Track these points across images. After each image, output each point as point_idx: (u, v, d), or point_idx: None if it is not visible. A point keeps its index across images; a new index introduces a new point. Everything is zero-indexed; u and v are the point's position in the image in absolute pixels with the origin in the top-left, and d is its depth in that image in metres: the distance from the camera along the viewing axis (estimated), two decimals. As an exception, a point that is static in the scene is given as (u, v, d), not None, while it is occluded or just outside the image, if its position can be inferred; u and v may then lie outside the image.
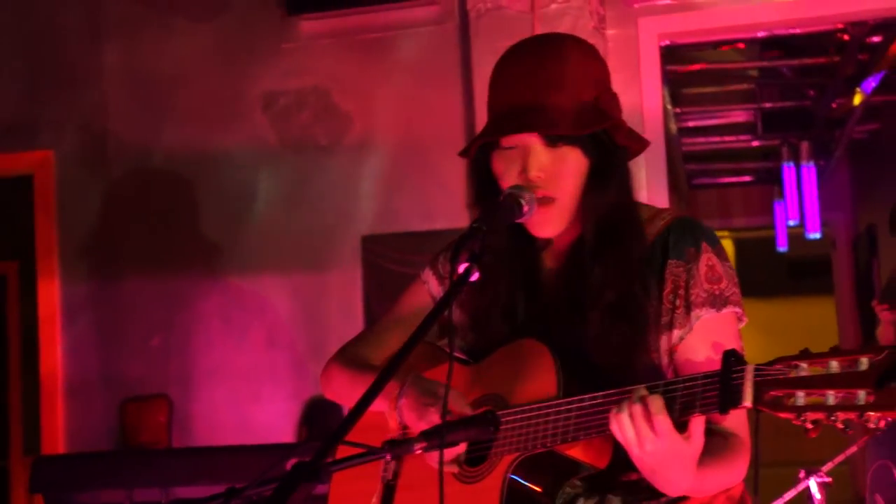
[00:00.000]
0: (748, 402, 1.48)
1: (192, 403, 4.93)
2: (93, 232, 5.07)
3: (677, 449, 1.57)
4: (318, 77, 4.90)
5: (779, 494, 2.87)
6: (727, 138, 7.95)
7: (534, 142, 1.79)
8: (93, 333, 5.03)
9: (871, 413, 1.37)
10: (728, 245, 11.93)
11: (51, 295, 5.05)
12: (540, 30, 4.31)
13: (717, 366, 1.54)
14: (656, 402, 1.56)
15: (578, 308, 1.80)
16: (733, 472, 1.75)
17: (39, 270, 5.09)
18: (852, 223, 9.23)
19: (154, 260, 5.01)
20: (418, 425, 1.75)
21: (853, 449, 2.96)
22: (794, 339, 1.55)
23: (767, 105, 7.28)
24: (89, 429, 4.97)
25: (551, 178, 1.78)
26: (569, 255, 1.88)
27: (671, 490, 1.65)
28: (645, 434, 1.56)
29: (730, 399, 1.49)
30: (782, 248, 9.44)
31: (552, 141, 1.78)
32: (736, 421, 1.77)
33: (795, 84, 6.97)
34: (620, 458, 1.63)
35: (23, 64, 5.17)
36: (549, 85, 1.77)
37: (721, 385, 1.51)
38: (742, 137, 7.86)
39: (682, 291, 1.78)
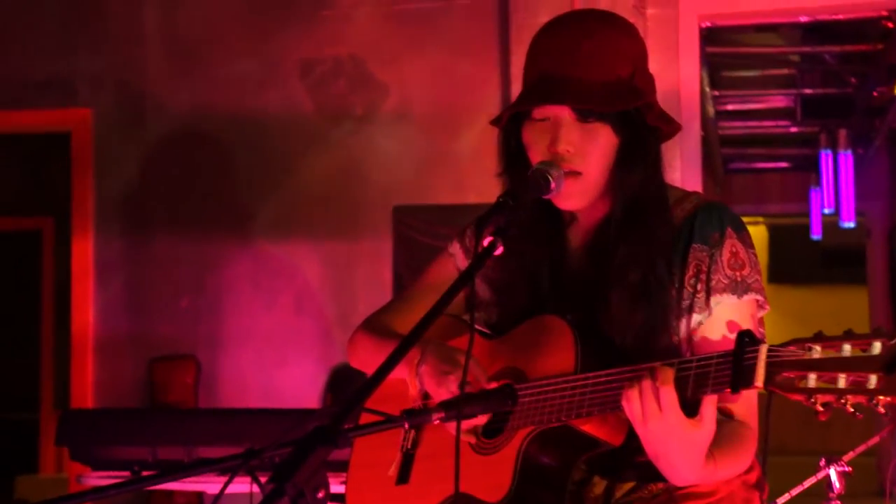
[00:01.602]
0: (760, 382, 1.48)
1: (220, 366, 4.98)
2: (128, 191, 5.11)
3: (683, 430, 1.56)
4: (355, 46, 4.91)
5: (799, 482, 2.87)
6: (765, 123, 7.87)
7: (565, 115, 1.79)
8: (124, 292, 5.08)
9: (881, 397, 1.38)
10: (762, 231, 11.83)
11: (84, 252, 5.10)
12: (579, 6, 4.29)
13: None
14: (665, 373, 1.57)
15: (602, 286, 1.81)
16: (739, 463, 1.74)
17: (74, 228, 5.14)
18: (888, 213, 9.13)
19: (187, 222, 5.05)
20: (438, 393, 1.77)
21: (875, 440, 2.95)
22: (824, 327, 1.54)
23: (808, 91, 7.20)
24: (118, 386, 5.03)
25: (579, 153, 1.79)
26: (595, 232, 1.88)
27: (677, 479, 1.64)
28: (650, 409, 1.56)
29: (742, 379, 1.49)
30: (816, 236, 9.36)
31: (583, 115, 1.78)
32: (745, 409, 1.76)
33: (837, 71, 6.89)
34: (636, 436, 1.64)
35: (64, 21, 5.20)
36: (585, 59, 1.77)
37: (734, 365, 1.51)
38: (781, 123, 7.78)
39: (703, 276, 1.78)
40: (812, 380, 1.43)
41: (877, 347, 1.39)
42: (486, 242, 1.63)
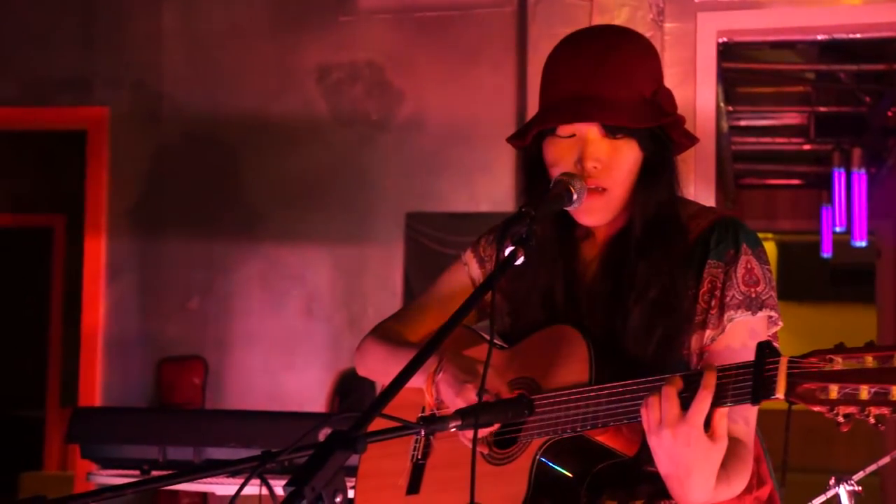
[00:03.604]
0: (781, 393, 1.46)
1: (227, 367, 4.99)
2: (142, 191, 5.13)
3: (699, 442, 1.54)
4: (372, 52, 4.92)
5: (807, 500, 2.86)
6: (778, 140, 7.87)
7: (593, 132, 1.79)
8: (135, 292, 5.10)
9: None
10: (772, 248, 11.82)
11: (96, 251, 5.12)
12: (598, 19, 4.30)
13: None
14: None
15: (619, 300, 1.80)
16: (739, 485, 1.71)
17: (87, 226, 5.16)
18: (899, 233, 9.12)
19: (199, 223, 5.07)
20: (455, 402, 1.76)
21: (885, 459, 2.94)
22: (832, 345, 1.54)
23: (822, 109, 7.19)
24: (125, 385, 5.04)
25: (606, 170, 1.79)
26: (611, 246, 1.88)
27: (686, 498, 1.61)
28: (670, 415, 1.54)
29: (762, 390, 1.48)
30: (827, 254, 9.35)
31: (611, 132, 1.78)
32: (744, 427, 1.75)
33: (852, 89, 6.88)
34: (650, 447, 1.63)
35: (83, 20, 5.23)
36: (612, 77, 1.77)
37: (754, 376, 1.50)
38: (794, 140, 7.77)
39: (717, 292, 1.78)
40: (834, 391, 1.42)
41: None
42: (506, 252, 1.63)
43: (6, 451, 7.40)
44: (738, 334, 1.75)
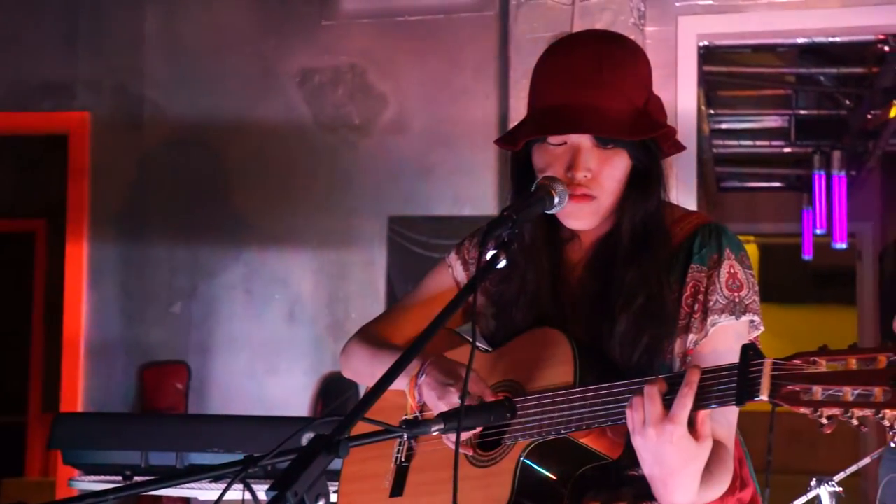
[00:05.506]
0: (765, 395, 1.47)
1: (210, 372, 4.98)
2: (123, 196, 5.12)
3: (682, 441, 1.54)
4: (355, 56, 4.93)
5: (789, 501, 2.87)
6: (759, 143, 7.91)
7: (584, 141, 1.79)
8: (117, 297, 5.08)
9: (888, 410, 1.38)
10: (753, 250, 11.88)
11: (78, 255, 5.10)
12: (579, 23, 4.31)
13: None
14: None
15: (605, 305, 1.81)
16: (721, 487, 1.72)
17: (68, 231, 5.14)
18: (880, 235, 9.19)
19: (182, 227, 5.05)
20: (437, 405, 1.77)
21: (866, 460, 2.96)
22: (814, 346, 1.55)
23: (802, 112, 7.24)
24: (108, 391, 5.03)
25: (596, 178, 1.79)
26: (597, 249, 1.89)
27: (670, 499, 1.61)
28: (654, 414, 1.54)
29: (746, 391, 1.49)
30: (808, 256, 9.41)
31: (603, 143, 1.79)
32: (727, 432, 1.75)
33: (832, 92, 6.93)
34: (633, 450, 1.63)
35: (65, 24, 5.21)
36: (605, 86, 1.77)
37: (738, 377, 1.50)
38: (775, 143, 7.82)
39: (701, 297, 1.78)
40: (817, 393, 1.43)
41: (882, 361, 1.40)
42: (488, 255, 1.63)
43: (-13, 457, 7.36)
44: (723, 338, 1.76)
